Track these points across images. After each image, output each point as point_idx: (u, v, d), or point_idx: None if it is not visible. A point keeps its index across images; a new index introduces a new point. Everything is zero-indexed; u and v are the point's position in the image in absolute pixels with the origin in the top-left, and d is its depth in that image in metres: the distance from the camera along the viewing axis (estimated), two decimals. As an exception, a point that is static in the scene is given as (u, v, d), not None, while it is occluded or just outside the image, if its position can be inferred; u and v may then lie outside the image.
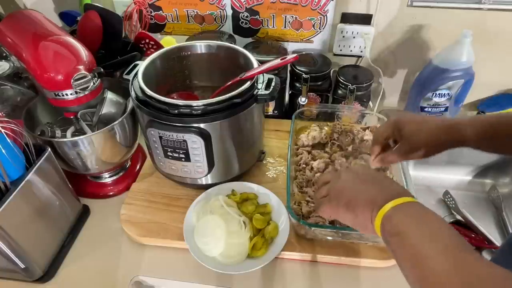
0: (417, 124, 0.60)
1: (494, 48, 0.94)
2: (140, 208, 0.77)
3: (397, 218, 0.42)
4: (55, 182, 0.68)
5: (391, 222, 0.42)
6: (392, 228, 0.42)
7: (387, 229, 0.43)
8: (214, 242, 0.66)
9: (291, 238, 0.69)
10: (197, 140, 0.65)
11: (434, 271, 0.36)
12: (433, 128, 0.59)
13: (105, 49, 0.86)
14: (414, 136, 0.59)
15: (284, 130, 0.95)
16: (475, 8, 0.89)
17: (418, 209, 0.43)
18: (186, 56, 0.81)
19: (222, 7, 1.00)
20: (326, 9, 0.95)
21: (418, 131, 0.59)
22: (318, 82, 0.95)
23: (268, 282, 0.66)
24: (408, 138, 0.60)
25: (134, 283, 0.67)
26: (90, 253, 0.72)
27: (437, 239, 0.38)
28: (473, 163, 1.04)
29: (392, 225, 0.42)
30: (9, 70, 0.82)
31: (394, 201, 0.44)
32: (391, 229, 0.42)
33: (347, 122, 0.90)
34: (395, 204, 0.43)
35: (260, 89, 0.69)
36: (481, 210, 0.98)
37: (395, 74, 1.06)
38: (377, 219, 0.44)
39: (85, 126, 0.76)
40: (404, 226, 0.41)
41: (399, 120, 0.62)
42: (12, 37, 0.65)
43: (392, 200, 0.44)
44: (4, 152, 0.56)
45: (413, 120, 0.61)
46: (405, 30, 0.96)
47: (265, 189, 0.77)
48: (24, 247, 0.61)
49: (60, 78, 0.63)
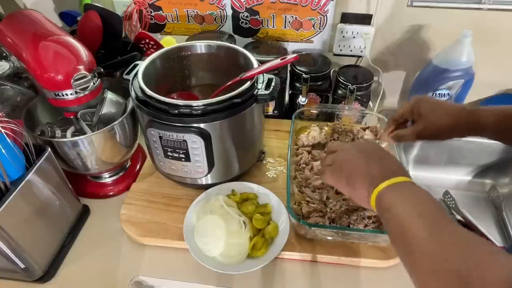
0: (437, 104, 0.61)
1: (494, 48, 0.94)
2: (140, 208, 0.77)
3: (390, 195, 0.46)
4: (55, 182, 0.68)
5: (384, 199, 0.46)
6: (384, 204, 0.46)
7: (381, 205, 0.46)
8: (214, 242, 0.66)
9: (291, 238, 0.69)
10: (197, 140, 0.65)
11: (416, 237, 0.40)
12: (453, 110, 0.59)
13: (105, 49, 0.86)
14: (432, 115, 0.60)
15: (284, 130, 0.95)
16: (475, 8, 0.89)
17: (410, 188, 0.47)
18: (186, 56, 0.81)
19: (222, 7, 1.00)
20: (326, 9, 0.95)
21: (437, 110, 0.60)
22: (318, 82, 0.95)
23: (268, 282, 0.66)
24: (426, 116, 0.60)
25: (134, 283, 0.67)
26: (90, 253, 0.72)
27: (420, 212, 0.42)
28: (473, 163, 1.04)
29: (384, 202, 0.46)
30: (9, 70, 0.82)
31: (390, 180, 0.47)
32: (384, 205, 0.46)
33: (347, 122, 0.90)
34: (390, 183, 0.47)
35: (260, 89, 0.69)
36: (481, 210, 0.98)
37: (395, 74, 1.06)
38: (373, 196, 0.48)
39: (85, 126, 0.76)
40: (395, 201, 0.45)
41: (420, 98, 0.63)
42: (12, 37, 0.65)
43: (388, 179, 0.47)
44: (4, 152, 0.56)
45: (434, 100, 0.63)
46: (405, 30, 0.96)
47: (265, 189, 0.77)
48: (24, 247, 0.61)
49: (60, 78, 0.63)
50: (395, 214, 0.44)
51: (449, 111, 0.59)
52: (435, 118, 0.60)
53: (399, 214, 0.43)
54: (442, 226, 0.40)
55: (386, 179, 0.47)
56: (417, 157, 1.06)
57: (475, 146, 1.00)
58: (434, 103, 0.61)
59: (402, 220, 0.43)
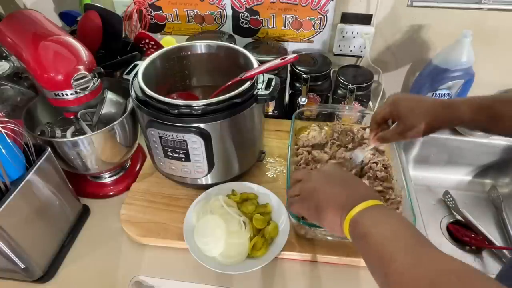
0: (414, 101, 0.62)
1: (494, 48, 0.94)
2: (140, 208, 0.77)
3: (363, 221, 0.45)
4: (55, 182, 0.68)
5: (358, 226, 0.45)
6: (359, 231, 0.44)
7: (355, 232, 0.45)
8: (214, 242, 0.66)
9: (291, 238, 0.69)
10: (197, 140, 0.65)
11: (397, 267, 0.38)
12: (430, 105, 0.61)
13: (105, 49, 0.86)
14: (411, 113, 0.61)
15: (284, 130, 0.95)
16: (475, 8, 0.89)
17: (381, 211, 0.46)
18: (186, 56, 0.81)
19: (222, 7, 1.00)
20: (326, 9, 0.95)
21: (415, 108, 0.61)
22: (318, 82, 0.95)
23: (268, 282, 0.66)
24: (406, 116, 0.61)
25: (134, 283, 0.67)
26: (90, 253, 0.72)
27: (398, 238, 0.41)
28: (473, 163, 1.04)
29: (358, 229, 0.44)
30: (9, 70, 0.82)
31: (360, 205, 0.46)
32: (358, 232, 0.44)
33: (347, 122, 0.90)
34: (361, 208, 0.46)
35: (260, 89, 0.69)
36: (481, 210, 0.98)
37: (395, 74, 1.06)
38: (345, 223, 0.46)
39: (85, 126, 0.76)
40: (369, 228, 0.43)
41: (396, 98, 0.64)
42: (12, 37, 0.64)
43: (358, 204, 0.46)
44: (4, 152, 0.56)
45: (410, 98, 0.63)
46: (405, 30, 0.96)
47: (265, 189, 0.76)
48: (24, 247, 0.61)
49: (60, 78, 0.63)
50: (372, 239, 0.42)
51: (427, 108, 0.60)
52: (414, 118, 0.60)
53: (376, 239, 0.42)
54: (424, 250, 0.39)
55: (357, 203, 0.46)
56: (417, 157, 1.06)
57: (475, 146, 1.00)
58: (411, 103, 0.62)
59: (381, 245, 0.41)
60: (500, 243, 0.89)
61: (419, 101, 0.62)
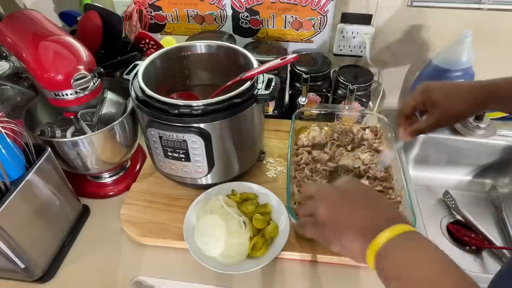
0: (449, 86, 0.58)
1: (494, 48, 0.94)
2: (140, 208, 0.77)
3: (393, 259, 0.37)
4: (55, 182, 0.68)
5: (387, 264, 0.37)
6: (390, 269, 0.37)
7: (385, 269, 0.38)
8: (214, 242, 0.66)
9: (291, 238, 0.69)
10: (197, 140, 0.65)
11: None
12: (468, 93, 0.56)
13: (105, 49, 0.86)
14: (447, 102, 0.56)
15: (284, 130, 0.95)
16: (475, 8, 0.89)
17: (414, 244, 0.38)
18: (186, 56, 0.81)
19: (222, 7, 1.00)
20: (326, 9, 0.95)
21: (452, 96, 0.56)
22: (318, 82, 0.95)
23: (268, 282, 0.66)
24: (442, 103, 0.56)
25: (134, 283, 0.67)
26: (90, 253, 0.72)
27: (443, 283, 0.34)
28: (473, 163, 1.04)
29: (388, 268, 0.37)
30: (9, 70, 0.82)
31: (387, 231, 0.38)
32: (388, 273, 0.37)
33: (347, 122, 0.90)
34: (388, 237, 0.38)
35: (260, 89, 0.69)
36: (481, 210, 0.98)
37: (395, 74, 1.06)
38: (370, 253, 0.39)
39: (85, 126, 0.76)
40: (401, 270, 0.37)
41: (427, 86, 0.59)
42: (12, 37, 0.65)
43: (385, 229, 0.38)
44: (4, 152, 0.56)
45: (442, 84, 0.59)
46: (405, 30, 0.96)
47: (265, 189, 0.76)
48: (24, 247, 0.61)
49: (60, 78, 0.63)
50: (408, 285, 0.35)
51: (465, 94, 0.56)
52: (451, 104, 0.56)
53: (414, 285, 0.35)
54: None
55: (383, 228, 0.39)
56: (417, 157, 1.06)
57: (475, 146, 1.00)
58: (447, 89, 0.57)
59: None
60: (500, 243, 0.89)
61: (455, 85, 0.58)
